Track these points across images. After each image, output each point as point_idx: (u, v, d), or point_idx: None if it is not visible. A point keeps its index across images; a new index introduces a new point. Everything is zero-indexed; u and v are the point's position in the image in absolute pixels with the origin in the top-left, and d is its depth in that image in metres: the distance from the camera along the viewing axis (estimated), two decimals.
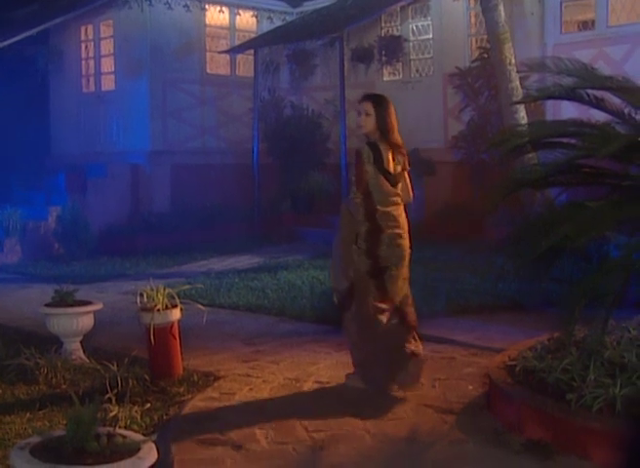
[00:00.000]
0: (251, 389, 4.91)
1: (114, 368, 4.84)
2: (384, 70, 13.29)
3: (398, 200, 4.79)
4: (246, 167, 13.00)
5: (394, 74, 13.29)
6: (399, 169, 4.79)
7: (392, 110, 4.88)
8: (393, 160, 4.75)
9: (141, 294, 5.15)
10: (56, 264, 10.39)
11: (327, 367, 5.37)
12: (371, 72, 13.13)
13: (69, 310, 5.51)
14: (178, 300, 5.15)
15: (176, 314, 5.12)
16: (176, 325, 5.14)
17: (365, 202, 4.69)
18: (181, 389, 4.88)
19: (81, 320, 5.53)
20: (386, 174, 4.71)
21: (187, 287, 6.15)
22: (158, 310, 5.01)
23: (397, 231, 4.74)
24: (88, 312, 5.57)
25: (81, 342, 5.64)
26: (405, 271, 4.80)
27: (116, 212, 12.06)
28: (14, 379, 5.10)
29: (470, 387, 4.82)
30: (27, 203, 11.86)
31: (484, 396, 4.59)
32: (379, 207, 4.70)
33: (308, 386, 4.94)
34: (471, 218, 10.24)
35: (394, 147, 4.74)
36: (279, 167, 13.30)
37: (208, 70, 13.61)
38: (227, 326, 6.69)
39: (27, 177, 12.72)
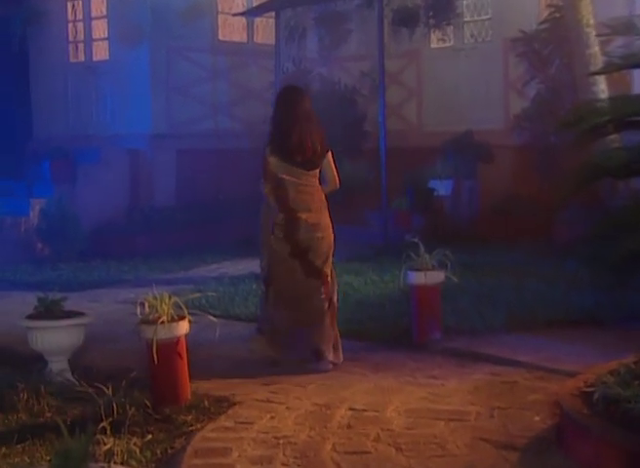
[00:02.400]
0: (272, 417, 4.93)
1: (109, 392, 4.82)
2: (432, 35, 13.27)
3: (313, 184, 6.10)
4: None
5: (444, 40, 13.27)
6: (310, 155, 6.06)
7: (287, 102, 6.23)
8: (303, 147, 6.03)
9: (142, 304, 5.18)
10: (39, 268, 10.48)
11: (363, 391, 5.38)
12: (416, 38, 13.08)
13: (55, 323, 5.55)
14: (185, 311, 5.17)
15: (183, 327, 5.15)
16: (183, 340, 5.17)
17: (276, 191, 6.02)
18: (189, 417, 4.90)
19: (69, 334, 5.58)
20: (292, 160, 6.02)
21: (197, 295, 6.19)
22: (162, 323, 5.05)
23: (314, 215, 6.06)
24: (78, 325, 5.61)
25: (69, 361, 5.69)
26: (330, 250, 6.16)
27: (111, 205, 12.13)
28: None
29: (537, 418, 4.79)
30: (5, 194, 12.00)
31: (553, 429, 4.56)
32: (290, 193, 6.00)
33: (341, 414, 4.95)
34: (537, 215, 10.23)
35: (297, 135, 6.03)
36: None
37: (220, 37, 13.73)
38: (244, 342, 6.65)
39: (5, 165, 12.79)
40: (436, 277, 6.41)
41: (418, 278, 6.41)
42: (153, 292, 5.17)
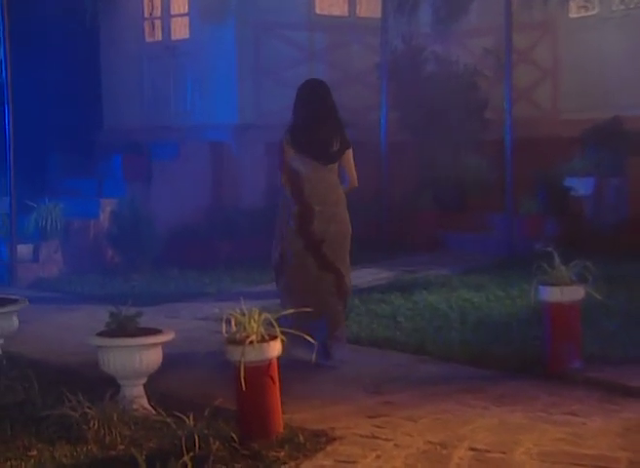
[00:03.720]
0: (378, 456, 4.90)
1: (190, 422, 4.89)
2: (571, 2, 13.05)
3: (329, 179, 6.89)
4: (369, 146, 12.91)
5: (586, 7, 13.09)
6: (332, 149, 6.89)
7: (309, 94, 7.07)
8: (320, 142, 6.84)
9: (228, 321, 5.21)
10: (110, 278, 10.70)
11: (485, 428, 5.30)
12: (551, 6, 12.88)
13: (130, 341, 5.61)
14: (277, 329, 5.18)
15: (275, 348, 5.16)
16: (275, 363, 5.19)
17: (292, 182, 6.88)
18: (282, 453, 4.89)
19: (146, 355, 5.63)
20: (308, 154, 6.83)
21: (291, 311, 6.15)
22: (251, 343, 5.06)
23: (330, 208, 6.85)
24: (155, 345, 5.68)
25: (145, 386, 5.75)
26: (345, 243, 6.97)
27: (191, 207, 12.27)
28: (54, 436, 5.20)
29: None
30: (72, 194, 12.28)
31: None
32: (306, 186, 6.82)
33: (460, 455, 4.89)
34: None
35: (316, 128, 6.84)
36: (416, 146, 13.33)
37: (317, 10, 13.83)
38: (345, 366, 6.74)
39: (71, 160, 13.12)
40: (575, 293, 6.29)
41: (552, 294, 6.31)
42: (240, 308, 5.19)
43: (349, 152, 7.03)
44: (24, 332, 7.63)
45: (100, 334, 5.71)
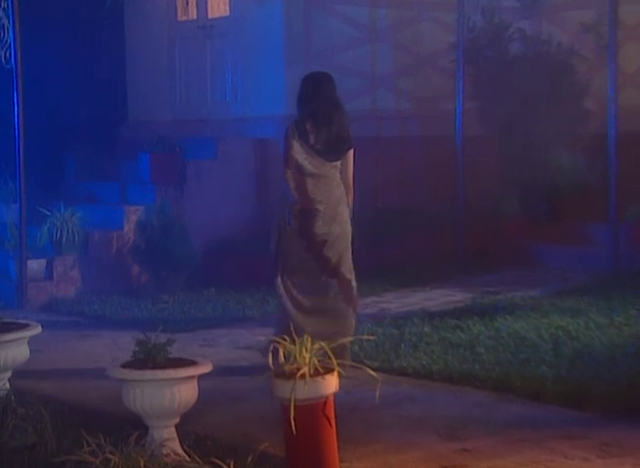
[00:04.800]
0: None
1: None
2: None
3: (333, 176, 7.67)
4: (442, 141, 12.99)
5: None
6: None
7: (316, 86, 7.90)
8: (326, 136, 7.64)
9: (275, 350, 5.25)
10: (136, 299, 10.75)
11: None
12: None
13: (160, 374, 5.58)
14: (334, 361, 5.19)
15: (331, 384, 5.16)
16: (331, 401, 5.18)
17: (295, 177, 7.64)
18: None
19: (178, 391, 5.59)
20: (313, 147, 7.63)
21: (349, 339, 6.34)
22: (303, 377, 5.05)
23: (331, 208, 7.60)
24: (189, 378, 5.65)
25: (177, 427, 5.73)
26: (347, 244, 7.72)
27: (231, 216, 12.28)
28: None
29: None
30: (91, 200, 12.43)
31: None
32: (309, 182, 7.58)
33: None
34: None
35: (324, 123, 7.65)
36: (498, 141, 13.31)
37: None
38: (414, 406, 6.73)
39: (91, 159, 13.19)
40: None
41: None
42: (290, 335, 5.24)
43: (351, 152, 7.85)
44: (37, 364, 7.60)
45: (125, 366, 5.69)
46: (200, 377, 5.74)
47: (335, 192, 7.72)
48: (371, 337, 7.78)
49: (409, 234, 12.47)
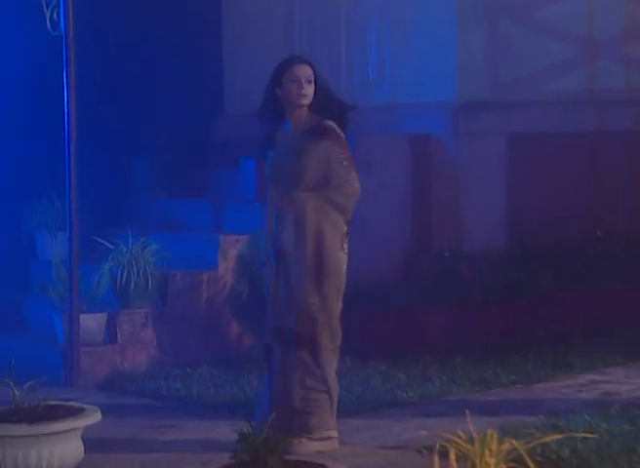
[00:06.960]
0: None
1: None
2: None
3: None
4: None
5: None
6: None
7: None
8: None
9: (442, 449, 5.39)
10: (235, 373, 10.84)
11: None
12: None
13: None
14: None
15: None
16: None
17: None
18: None
19: None
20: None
21: (555, 437, 6.47)
22: None
23: None
24: None
25: None
26: None
27: (376, 247, 12.32)
28: None
29: None
30: (173, 227, 12.69)
31: None
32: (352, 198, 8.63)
33: None
34: None
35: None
36: None
37: None
38: None
39: (172, 168, 13.49)
40: None
41: None
42: (466, 427, 5.53)
43: None
44: (94, 465, 7.83)
45: None
46: None
47: None
48: (589, 435, 7.70)
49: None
